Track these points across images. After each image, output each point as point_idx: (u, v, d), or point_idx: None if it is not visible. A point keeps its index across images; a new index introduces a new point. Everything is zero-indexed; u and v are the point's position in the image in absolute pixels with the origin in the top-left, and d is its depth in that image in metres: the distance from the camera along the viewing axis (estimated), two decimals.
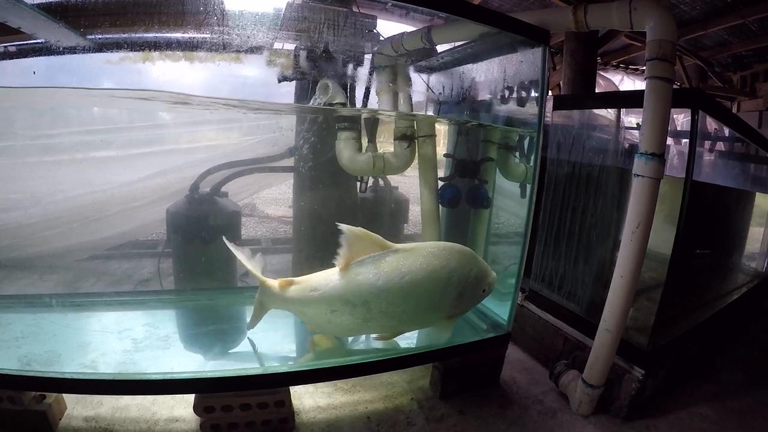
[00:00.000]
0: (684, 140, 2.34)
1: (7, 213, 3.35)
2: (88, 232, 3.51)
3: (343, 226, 1.85)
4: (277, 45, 2.35)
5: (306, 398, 2.21)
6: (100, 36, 2.10)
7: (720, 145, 4.09)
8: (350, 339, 2.31)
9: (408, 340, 2.25)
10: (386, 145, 2.65)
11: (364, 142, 2.60)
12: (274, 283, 2.06)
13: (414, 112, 2.80)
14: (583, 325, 2.54)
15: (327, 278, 1.95)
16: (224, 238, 2.11)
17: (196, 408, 1.88)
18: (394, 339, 2.09)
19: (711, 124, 3.23)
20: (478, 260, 2.04)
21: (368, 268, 1.88)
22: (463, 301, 2.02)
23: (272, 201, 6.01)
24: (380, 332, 2.05)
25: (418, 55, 2.76)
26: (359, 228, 1.88)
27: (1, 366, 1.79)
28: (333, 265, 1.96)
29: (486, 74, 2.68)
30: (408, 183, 3.54)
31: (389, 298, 1.87)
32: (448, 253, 1.95)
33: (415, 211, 3.33)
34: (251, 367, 1.94)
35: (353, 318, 1.93)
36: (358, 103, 2.67)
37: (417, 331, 2.26)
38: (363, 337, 2.32)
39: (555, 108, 2.84)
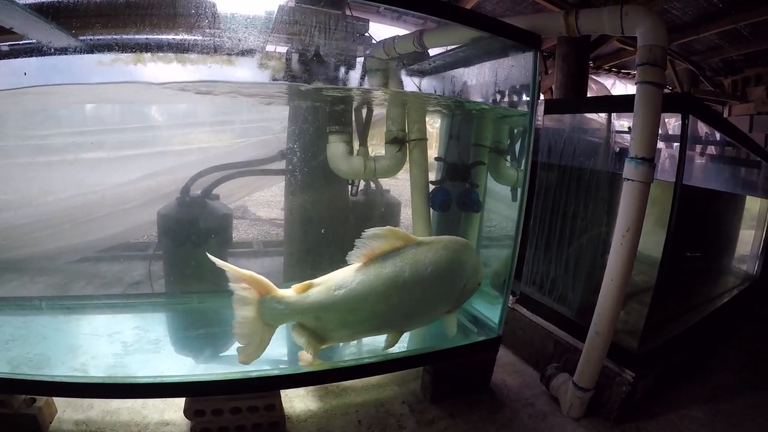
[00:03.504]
0: (675, 144, 2.35)
1: None
2: (79, 233, 3.49)
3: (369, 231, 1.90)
4: (269, 48, 2.35)
5: (297, 402, 2.21)
6: (91, 37, 2.09)
7: (711, 149, 4.11)
8: (340, 345, 2.28)
9: (399, 343, 2.24)
10: (378, 148, 2.66)
11: (356, 145, 2.61)
12: (287, 292, 1.87)
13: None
14: (573, 328, 2.55)
15: (351, 275, 1.89)
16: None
17: (187, 411, 1.88)
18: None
19: (702, 128, 3.25)
20: (476, 253, 2.20)
21: (395, 261, 1.90)
22: (464, 293, 2.11)
23: (264, 203, 5.99)
24: (388, 331, 2.03)
25: (410, 58, 2.77)
26: (387, 227, 1.92)
27: None
28: (332, 266, 1.95)
29: (477, 78, 2.69)
30: (399, 186, 3.54)
31: (412, 289, 1.91)
32: (460, 246, 2.08)
33: (406, 215, 3.33)
34: (241, 371, 1.93)
35: (370, 316, 1.91)
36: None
37: (407, 333, 2.24)
38: (353, 342, 2.31)
39: (546, 112, 2.85)
